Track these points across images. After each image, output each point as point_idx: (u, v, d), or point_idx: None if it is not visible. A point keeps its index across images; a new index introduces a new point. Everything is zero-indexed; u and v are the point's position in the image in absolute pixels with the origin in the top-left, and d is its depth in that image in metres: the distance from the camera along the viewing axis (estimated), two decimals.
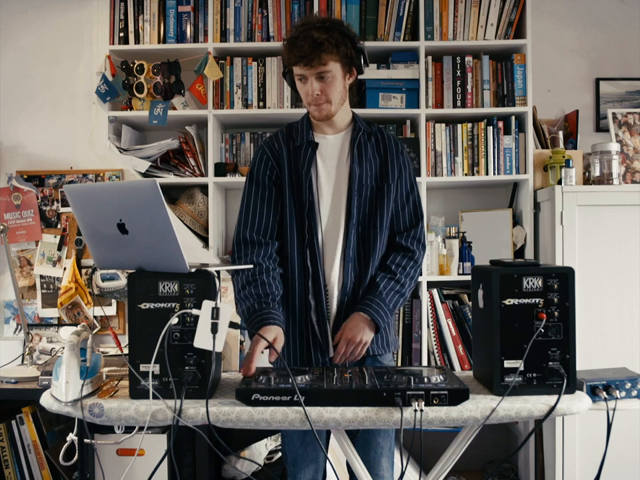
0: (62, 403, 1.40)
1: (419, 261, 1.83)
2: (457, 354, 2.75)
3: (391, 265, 1.78)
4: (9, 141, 3.07)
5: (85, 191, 1.46)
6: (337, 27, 1.70)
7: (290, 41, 1.69)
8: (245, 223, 1.78)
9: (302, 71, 1.70)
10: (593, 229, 2.55)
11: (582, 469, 2.51)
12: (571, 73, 3.09)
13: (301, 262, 1.76)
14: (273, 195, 1.79)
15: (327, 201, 1.78)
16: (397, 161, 1.82)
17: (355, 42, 1.73)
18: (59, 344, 2.77)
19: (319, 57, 1.65)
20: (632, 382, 1.49)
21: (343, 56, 1.70)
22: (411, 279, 1.79)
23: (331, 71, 1.69)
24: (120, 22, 2.86)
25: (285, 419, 1.34)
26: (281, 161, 1.80)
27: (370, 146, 1.82)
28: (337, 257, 1.76)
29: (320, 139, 1.82)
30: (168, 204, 2.50)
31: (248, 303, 1.69)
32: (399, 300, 1.77)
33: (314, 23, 1.70)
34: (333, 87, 1.71)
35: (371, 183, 1.79)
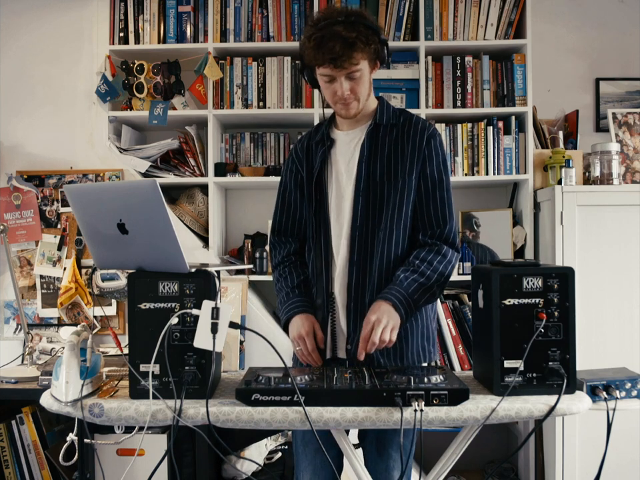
0: (62, 402, 1.40)
1: (448, 255, 1.64)
2: (457, 354, 2.75)
3: (413, 259, 1.63)
4: (9, 141, 3.07)
5: (84, 190, 1.46)
6: (363, 21, 1.59)
7: (317, 40, 1.56)
8: (273, 226, 1.86)
9: (331, 72, 1.60)
10: (593, 229, 2.55)
11: (582, 469, 2.51)
12: (571, 73, 3.09)
13: (311, 261, 1.76)
14: (297, 198, 1.79)
15: (335, 201, 1.72)
16: (420, 152, 1.66)
17: (380, 35, 1.63)
18: (59, 344, 2.77)
19: (351, 57, 1.56)
20: (632, 382, 1.49)
21: (372, 52, 1.62)
22: (439, 273, 1.61)
23: (361, 70, 1.61)
24: (120, 22, 2.87)
25: (285, 419, 1.34)
26: (302, 161, 1.79)
27: (390, 139, 1.69)
28: (342, 259, 1.69)
29: (337, 135, 1.76)
30: (168, 204, 2.50)
31: (279, 296, 1.77)
32: (425, 293, 1.59)
33: (336, 16, 1.57)
34: (362, 85, 1.64)
35: (387, 180, 1.66)
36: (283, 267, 1.79)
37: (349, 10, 1.61)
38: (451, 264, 1.65)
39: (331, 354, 1.71)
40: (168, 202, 2.82)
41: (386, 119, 1.72)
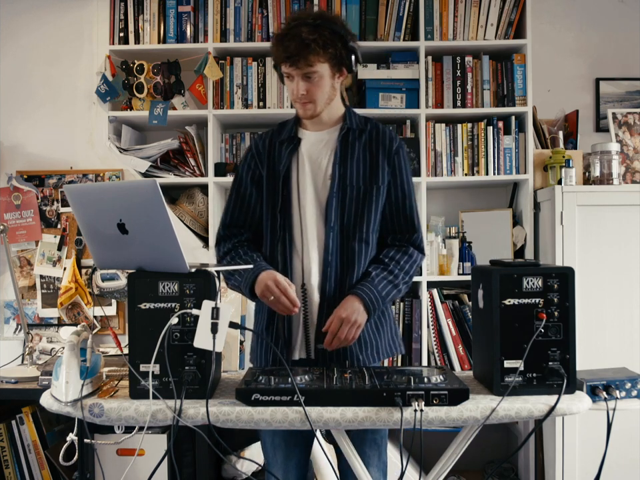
0: (62, 402, 1.40)
1: (414, 256, 1.73)
2: (457, 354, 2.75)
3: (384, 257, 1.72)
4: (9, 141, 3.07)
5: (84, 190, 1.46)
6: (329, 25, 1.62)
7: (278, 38, 1.64)
8: (224, 221, 1.82)
9: (288, 70, 1.65)
10: (593, 229, 2.55)
11: (582, 469, 2.51)
12: (571, 73, 3.09)
13: (272, 257, 1.72)
14: (253, 194, 1.78)
15: (310, 199, 1.72)
16: (390, 162, 1.73)
17: (346, 41, 1.66)
18: (59, 344, 2.77)
19: (305, 58, 1.61)
20: (632, 382, 1.49)
21: (331, 57, 1.64)
22: (405, 272, 1.70)
23: (318, 72, 1.64)
24: (120, 22, 2.86)
25: (284, 419, 1.34)
26: (262, 158, 1.78)
27: (360, 144, 1.73)
28: (315, 259, 1.70)
29: (304, 135, 1.78)
30: (168, 204, 2.50)
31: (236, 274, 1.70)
32: (392, 291, 1.68)
33: (305, 18, 1.63)
34: (320, 88, 1.66)
35: (357, 184, 1.70)
36: (236, 251, 1.74)
37: (320, 14, 1.68)
38: (416, 263, 1.75)
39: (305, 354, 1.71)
40: (168, 202, 2.82)
41: (355, 124, 1.76)
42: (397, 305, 2.79)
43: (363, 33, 2.82)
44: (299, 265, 1.70)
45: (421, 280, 2.76)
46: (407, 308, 2.79)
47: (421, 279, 2.76)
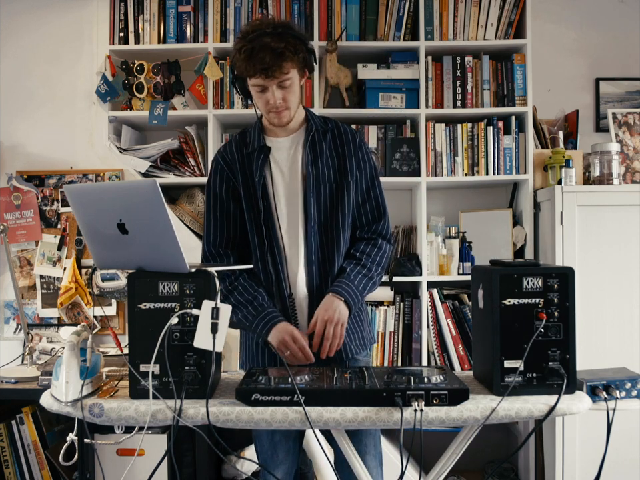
0: (62, 402, 1.40)
1: (384, 248, 1.79)
2: (457, 354, 2.75)
3: (355, 252, 1.77)
4: (9, 141, 3.07)
5: (85, 190, 1.46)
6: (290, 32, 1.66)
7: (247, 52, 1.63)
8: (207, 237, 1.82)
9: (263, 82, 1.66)
10: (593, 229, 2.55)
11: (582, 469, 2.51)
12: (571, 73, 3.09)
13: (264, 268, 1.75)
14: (231, 207, 1.79)
15: (284, 205, 1.76)
16: (355, 157, 1.78)
17: (307, 44, 1.70)
18: (59, 344, 2.77)
19: (281, 66, 1.63)
20: (632, 382, 1.49)
21: (301, 61, 1.68)
22: (377, 264, 1.76)
23: (291, 78, 1.68)
24: (120, 22, 2.87)
25: (284, 419, 1.34)
26: (235, 170, 1.78)
27: (326, 144, 1.78)
28: (301, 261, 1.74)
29: (272, 143, 1.79)
30: (168, 204, 2.50)
31: (241, 311, 1.72)
32: (368, 283, 1.74)
33: (264, 28, 1.64)
34: (293, 93, 1.70)
35: (329, 182, 1.75)
36: (230, 281, 1.76)
37: (276, 22, 1.69)
38: (386, 254, 1.81)
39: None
40: (168, 202, 2.82)
41: (318, 124, 1.80)
42: (397, 305, 2.79)
43: (363, 33, 2.82)
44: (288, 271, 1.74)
45: (421, 280, 2.76)
46: (407, 308, 2.79)
47: (421, 278, 2.76)
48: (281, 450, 1.79)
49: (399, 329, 2.78)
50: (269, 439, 1.78)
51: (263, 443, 1.80)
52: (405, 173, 2.80)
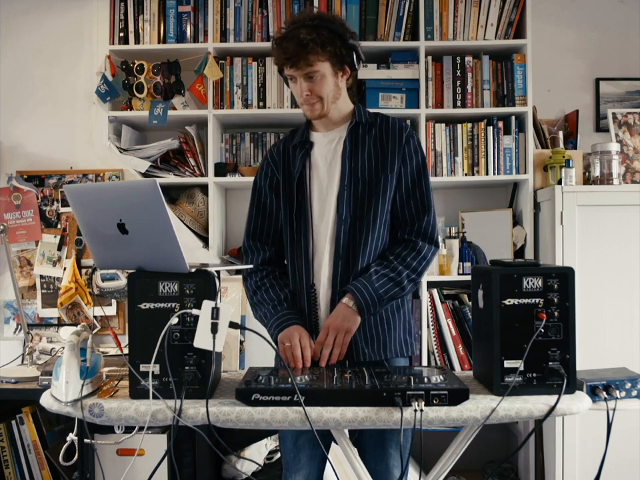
0: (62, 402, 1.40)
1: (424, 251, 1.69)
2: (457, 354, 2.75)
3: (389, 254, 1.70)
4: (9, 141, 3.07)
5: (85, 190, 1.46)
6: (326, 25, 1.64)
7: (277, 41, 1.67)
8: (248, 231, 1.83)
9: (290, 72, 1.68)
10: (593, 229, 2.55)
11: (582, 469, 2.51)
12: (571, 73, 3.09)
13: (292, 261, 1.75)
14: (274, 202, 1.80)
15: (318, 199, 1.75)
16: (400, 150, 1.72)
17: (345, 39, 1.67)
18: (59, 344, 2.77)
19: (305, 58, 1.62)
20: (632, 382, 1.49)
21: (331, 55, 1.66)
22: (412, 269, 1.67)
23: (319, 71, 1.65)
24: (120, 22, 2.86)
25: (285, 419, 1.34)
26: (278, 164, 1.80)
27: (370, 138, 1.74)
28: (326, 256, 1.72)
29: (315, 138, 1.80)
30: (168, 204, 2.50)
31: (263, 308, 1.73)
32: (393, 288, 1.65)
33: (304, 20, 1.65)
34: (323, 86, 1.68)
35: (368, 176, 1.71)
36: (261, 277, 1.77)
37: (317, 14, 1.69)
38: (425, 259, 1.70)
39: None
40: (168, 202, 2.82)
41: (364, 118, 1.78)
42: None
43: (362, 33, 2.82)
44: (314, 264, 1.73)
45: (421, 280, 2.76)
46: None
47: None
48: (303, 454, 1.76)
49: None
50: (293, 441, 1.76)
51: (286, 444, 1.79)
52: None
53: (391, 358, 1.73)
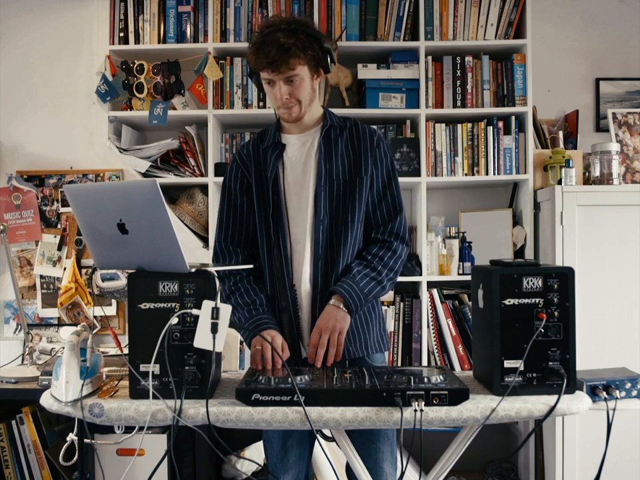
0: (62, 402, 1.40)
1: (398, 251, 1.76)
2: (457, 354, 2.75)
3: (366, 254, 1.74)
4: (9, 141, 3.07)
5: (84, 190, 1.46)
6: (303, 29, 1.66)
7: (256, 46, 1.66)
8: (219, 234, 1.82)
9: (269, 76, 1.67)
10: (592, 228, 2.55)
11: (582, 469, 2.51)
12: (571, 72, 3.09)
13: (270, 263, 1.76)
14: (245, 204, 1.80)
15: (294, 200, 1.75)
16: (372, 153, 1.76)
17: (321, 43, 1.69)
18: (59, 344, 2.77)
19: (287, 62, 1.63)
20: (632, 382, 1.49)
21: (310, 59, 1.68)
22: (389, 268, 1.73)
23: (299, 75, 1.67)
24: (120, 22, 2.86)
25: (284, 419, 1.34)
26: (249, 166, 1.80)
27: (342, 140, 1.77)
28: (307, 256, 1.73)
29: (287, 140, 1.80)
30: (168, 204, 2.50)
31: (238, 312, 1.72)
32: (375, 287, 1.70)
33: (279, 24, 1.66)
34: (302, 89, 1.70)
35: (343, 178, 1.74)
36: (235, 281, 1.76)
37: (293, 18, 1.70)
38: (400, 259, 1.77)
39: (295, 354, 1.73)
40: (168, 202, 2.82)
41: (336, 121, 1.80)
42: (397, 305, 2.79)
43: (362, 33, 2.82)
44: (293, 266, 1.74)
45: (421, 280, 2.76)
46: (407, 308, 2.79)
47: (421, 278, 2.76)
48: (292, 454, 1.77)
49: (399, 329, 2.78)
50: (281, 443, 1.77)
51: (273, 447, 1.79)
52: (405, 173, 2.80)
53: (371, 354, 1.78)
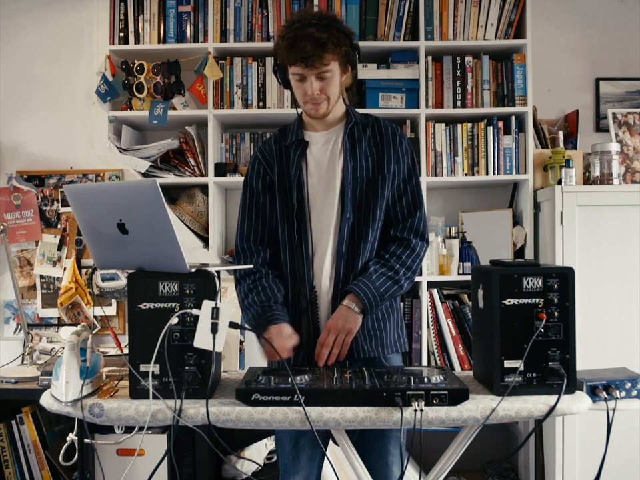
0: (62, 402, 1.40)
1: (417, 249, 1.73)
2: (457, 354, 2.75)
3: (384, 253, 1.73)
4: (9, 141, 3.07)
5: (85, 190, 1.46)
6: (335, 25, 1.65)
7: (289, 40, 1.63)
8: (241, 232, 1.80)
9: (302, 71, 1.65)
10: (592, 228, 2.55)
11: (582, 469, 2.51)
12: (571, 72, 3.09)
13: (292, 263, 1.73)
14: (267, 202, 1.77)
15: (319, 199, 1.74)
16: (394, 151, 1.75)
17: (352, 39, 1.70)
18: (59, 344, 2.77)
19: (322, 57, 1.62)
20: (632, 382, 1.49)
21: (343, 55, 1.67)
22: (407, 267, 1.70)
23: (332, 70, 1.66)
24: (120, 22, 2.86)
25: (285, 419, 1.34)
26: (272, 163, 1.78)
27: (365, 138, 1.76)
28: (328, 256, 1.71)
29: (310, 137, 1.78)
30: (168, 204, 2.50)
31: (253, 310, 1.70)
32: (392, 287, 1.68)
33: (310, 19, 1.64)
34: (332, 85, 1.68)
35: (366, 176, 1.73)
36: (254, 280, 1.73)
37: (323, 14, 1.69)
38: (419, 257, 1.74)
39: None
40: (168, 202, 2.82)
41: (359, 118, 1.79)
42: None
43: (362, 33, 2.82)
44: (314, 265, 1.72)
45: (421, 280, 2.76)
46: (407, 308, 2.79)
47: (421, 279, 2.76)
48: (303, 455, 1.76)
49: None
50: (293, 443, 1.76)
51: (285, 447, 1.78)
52: None
53: (387, 354, 1.76)
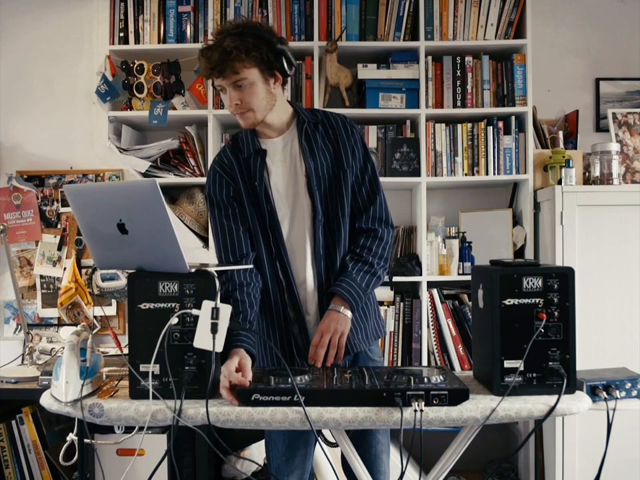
0: (62, 403, 1.40)
1: (385, 237, 1.75)
2: (457, 354, 2.75)
3: (355, 248, 1.74)
4: (9, 141, 3.07)
5: (84, 190, 1.46)
6: (251, 31, 1.61)
7: (202, 52, 1.63)
8: (218, 247, 1.76)
9: (219, 82, 1.64)
10: (592, 228, 2.55)
11: (582, 469, 2.51)
12: (571, 72, 3.09)
13: (273, 274, 1.73)
14: (237, 211, 1.74)
15: (288, 205, 1.73)
16: (349, 144, 1.74)
17: (272, 44, 1.63)
18: (59, 344, 2.77)
19: (230, 66, 1.58)
20: (632, 382, 1.49)
21: (258, 61, 1.61)
22: (380, 257, 1.73)
23: (247, 78, 1.61)
24: (120, 22, 2.86)
25: (284, 419, 1.34)
26: (234, 175, 1.75)
27: (319, 135, 1.75)
28: (308, 260, 1.72)
29: (267, 144, 1.76)
30: (168, 204, 2.50)
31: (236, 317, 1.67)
32: (372, 280, 1.71)
33: (229, 29, 1.62)
34: (253, 94, 1.63)
35: (328, 173, 1.72)
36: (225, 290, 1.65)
37: (242, 22, 1.66)
38: (388, 244, 1.77)
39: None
40: (168, 202, 2.82)
41: (308, 118, 1.77)
42: (397, 305, 2.79)
43: (362, 33, 2.82)
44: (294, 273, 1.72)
45: (421, 280, 2.76)
46: (407, 308, 2.79)
47: (421, 279, 2.76)
48: (298, 455, 1.77)
49: (399, 329, 2.78)
50: (286, 444, 1.76)
51: (278, 448, 1.78)
52: (405, 173, 2.80)
53: (371, 343, 1.80)
